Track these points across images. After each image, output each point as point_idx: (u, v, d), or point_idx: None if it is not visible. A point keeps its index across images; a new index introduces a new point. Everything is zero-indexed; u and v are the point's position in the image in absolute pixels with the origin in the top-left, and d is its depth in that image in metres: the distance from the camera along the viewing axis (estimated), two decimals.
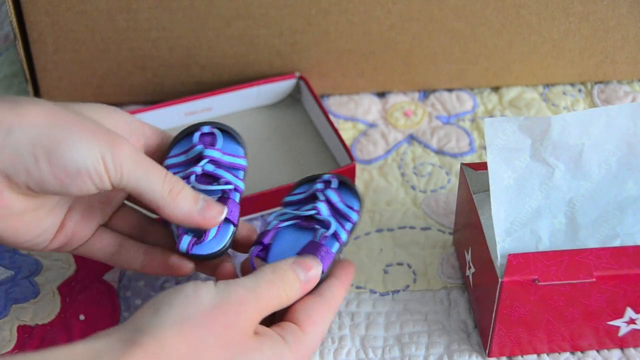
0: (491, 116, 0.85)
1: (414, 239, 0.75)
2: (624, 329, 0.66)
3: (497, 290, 0.62)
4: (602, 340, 0.67)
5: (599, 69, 0.87)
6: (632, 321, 0.65)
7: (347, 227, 0.64)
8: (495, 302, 0.63)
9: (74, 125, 0.58)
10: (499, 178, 0.65)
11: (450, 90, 0.88)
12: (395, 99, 0.87)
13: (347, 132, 0.84)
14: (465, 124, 0.85)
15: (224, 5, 0.79)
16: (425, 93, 0.87)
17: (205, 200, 0.62)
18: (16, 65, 0.89)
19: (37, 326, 0.69)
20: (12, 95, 0.82)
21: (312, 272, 0.59)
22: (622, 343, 0.67)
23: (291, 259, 0.60)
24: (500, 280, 0.62)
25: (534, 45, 0.84)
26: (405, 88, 0.87)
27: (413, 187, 0.79)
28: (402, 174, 0.80)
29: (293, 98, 0.85)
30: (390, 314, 0.70)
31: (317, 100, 0.81)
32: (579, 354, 0.68)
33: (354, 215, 0.64)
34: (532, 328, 0.65)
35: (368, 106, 0.86)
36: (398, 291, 0.72)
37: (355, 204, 0.65)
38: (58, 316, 0.69)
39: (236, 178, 0.65)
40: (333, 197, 0.65)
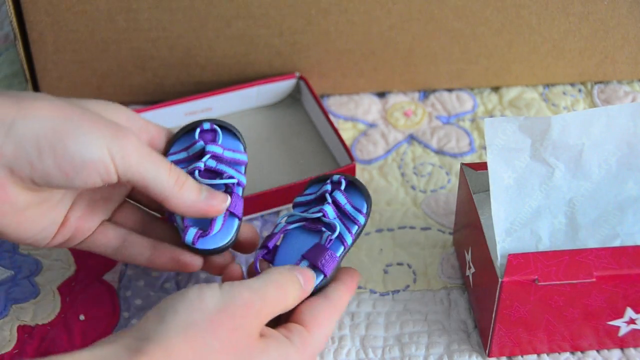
0: (491, 116, 0.85)
1: (414, 239, 0.75)
2: (624, 329, 0.66)
3: (497, 290, 0.62)
4: (602, 340, 0.67)
5: (599, 69, 0.87)
6: (632, 321, 0.65)
7: (353, 230, 0.64)
8: (495, 302, 0.63)
9: (78, 118, 0.58)
10: (499, 178, 0.65)
11: (450, 90, 0.88)
12: (395, 99, 0.87)
13: (347, 132, 0.84)
14: (465, 124, 0.85)
15: (224, 5, 0.79)
16: (425, 93, 0.87)
17: (208, 190, 0.63)
18: (16, 65, 0.89)
19: (37, 326, 0.69)
20: (16, 91, 0.82)
21: (310, 285, 0.60)
22: (622, 343, 0.67)
23: (288, 266, 0.60)
24: (500, 280, 0.61)
25: (534, 45, 0.84)
26: (405, 88, 0.87)
27: (413, 187, 0.79)
28: (402, 174, 0.80)
29: (293, 98, 0.85)
30: (390, 314, 0.70)
31: (317, 100, 0.81)
32: (579, 354, 0.68)
33: (361, 218, 0.65)
34: (532, 328, 0.65)
35: (368, 106, 0.86)
36: (398, 291, 0.72)
37: (363, 206, 0.65)
38: (58, 316, 0.69)
39: (238, 172, 0.66)
40: (340, 199, 0.65)
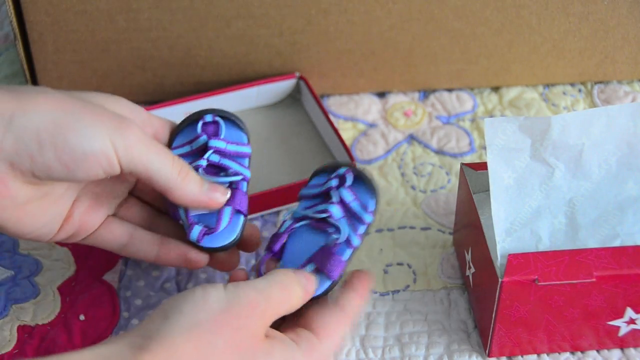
0: (491, 116, 0.85)
1: (414, 239, 0.75)
2: (624, 329, 0.66)
3: (497, 290, 0.62)
4: (602, 340, 0.67)
5: (599, 69, 0.87)
6: (632, 321, 0.65)
7: (360, 231, 0.62)
8: (495, 302, 0.63)
9: (79, 110, 0.58)
10: (499, 178, 0.65)
11: (450, 90, 0.88)
12: (395, 99, 0.87)
13: (347, 132, 0.84)
14: (465, 124, 0.85)
15: (224, 5, 0.79)
16: (425, 93, 0.87)
17: (208, 182, 0.63)
18: (16, 65, 0.89)
19: (37, 326, 0.69)
20: (16, 85, 0.81)
21: (312, 287, 0.59)
22: (622, 343, 0.67)
23: (292, 269, 0.59)
24: (500, 280, 0.61)
25: (534, 45, 0.84)
26: (405, 88, 0.87)
27: (413, 187, 0.79)
28: (402, 174, 0.80)
29: (293, 98, 0.85)
30: (390, 314, 0.70)
31: (317, 100, 0.81)
32: (579, 354, 0.68)
33: (368, 216, 0.62)
34: (532, 328, 0.65)
35: (368, 106, 0.86)
36: (398, 291, 0.72)
37: (371, 202, 0.63)
38: (58, 316, 0.69)
39: (242, 166, 0.65)
40: (347, 196, 0.63)
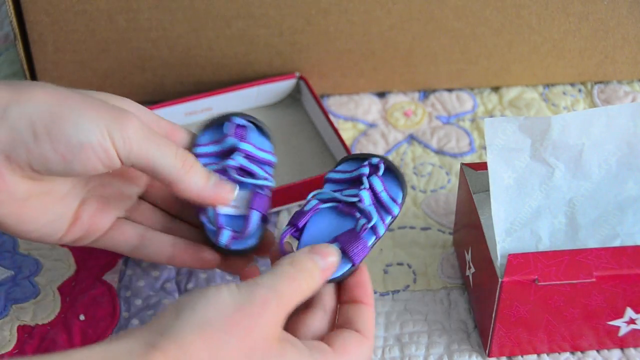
0: (491, 116, 0.85)
1: (414, 239, 0.75)
2: (624, 329, 0.66)
3: (497, 290, 0.62)
4: (602, 340, 0.67)
5: (599, 69, 0.87)
6: (632, 321, 0.65)
7: (387, 221, 0.62)
8: (495, 302, 0.63)
9: (76, 101, 0.57)
10: (499, 178, 0.65)
11: (450, 90, 0.88)
12: (395, 99, 0.87)
13: (347, 132, 0.84)
14: (465, 124, 0.85)
15: (224, 5, 0.79)
16: (425, 93, 0.87)
17: (216, 176, 0.61)
18: (16, 65, 0.89)
19: (37, 326, 0.69)
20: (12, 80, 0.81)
21: (330, 259, 0.58)
22: (622, 343, 0.67)
23: (307, 247, 0.58)
24: (500, 280, 0.61)
25: (534, 45, 0.84)
26: (405, 88, 0.87)
27: (413, 187, 0.79)
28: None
29: (293, 98, 0.85)
30: (390, 314, 0.70)
31: (317, 100, 0.81)
32: (579, 354, 0.68)
33: (396, 208, 0.62)
34: (532, 328, 0.65)
35: (368, 106, 0.86)
36: (398, 291, 0.72)
37: (399, 195, 0.62)
38: (58, 316, 0.69)
39: (267, 174, 0.65)
40: (377, 185, 0.62)
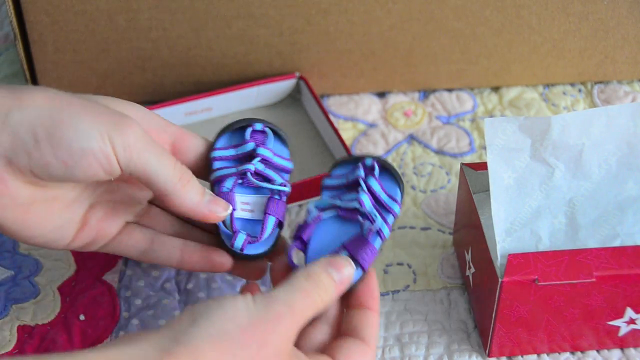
0: (491, 116, 0.85)
1: (414, 239, 0.75)
2: (624, 329, 0.66)
3: (497, 290, 0.62)
4: (602, 340, 0.67)
5: (599, 69, 0.87)
6: (632, 321, 0.65)
7: (390, 221, 0.61)
8: (495, 302, 0.63)
9: (77, 106, 0.57)
10: (499, 178, 0.65)
11: (450, 90, 0.88)
12: (395, 99, 0.87)
13: (347, 132, 0.84)
14: (465, 124, 0.85)
15: (224, 5, 0.79)
16: (425, 93, 0.87)
17: (211, 194, 0.61)
18: (16, 65, 0.89)
19: (37, 326, 0.69)
20: (16, 85, 0.81)
21: (345, 272, 0.58)
22: (622, 343, 0.67)
23: (324, 260, 0.58)
24: (500, 280, 0.61)
25: (534, 45, 0.84)
26: (405, 88, 0.87)
27: (413, 187, 0.79)
28: (402, 174, 0.80)
29: (293, 98, 0.85)
30: (390, 314, 0.70)
31: (317, 100, 0.81)
32: (579, 354, 0.68)
33: (396, 207, 0.62)
34: (532, 328, 0.65)
35: (368, 106, 0.86)
36: (398, 291, 0.72)
37: (397, 193, 0.62)
38: (58, 316, 0.69)
39: (284, 180, 0.64)
40: (375, 186, 0.62)
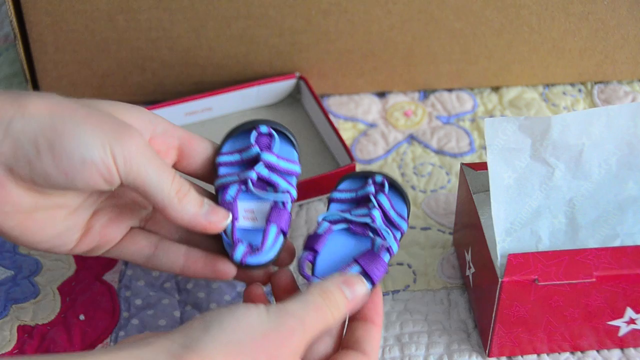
0: (491, 116, 0.85)
1: (414, 239, 0.75)
2: (624, 329, 0.66)
3: (497, 290, 0.62)
4: (602, 340, 0.67)
5: (599, 69, 0.87)
6: (632, 321, 0.65)
7: (398, 237, 0.63)
8: (495, 302, 0.63)
9: (79, 116, 0.56)
10: (499, 178, 0.65)
11: (450, 90, 0.88)
12: (395, 99, 0.87)
13: (347, 132, 0.84)
14: (465, 124, 0.85)
15: (224, 5, 0.79)
16: (425, 93, 0.87)
17: (209, 204, 0.61)
18: (16, 65, 0.89)
19: (37, 326, 0.69)
20: (20, 91, 0.81)
21: (358, 290, 0.58)
22: (622, 343, 0.67)
23: (338, 277, 0.58)
24: (500, 280, 0.61)
25: (534, 45, 0.84)
26: (405, 88, 0.87)
27: (413, 187, 0.79)
28: (402, 174, 0.80)
29: (293, 98, 0.85)
30: (390, 314, 0.70)
31: (317, 100, 0.81)
32: (579, 354, 0.68)
33: (404, 224, 0.64)
34: (532, 328, 0.65)
35: (368, 106, 0.86)
36: (398, 291, 0.72)
37: (404, 210, 0.64)
38: (58, 316, 0.69)
39: (289, 185, 0.64)
40: (385, 203, 0.63)
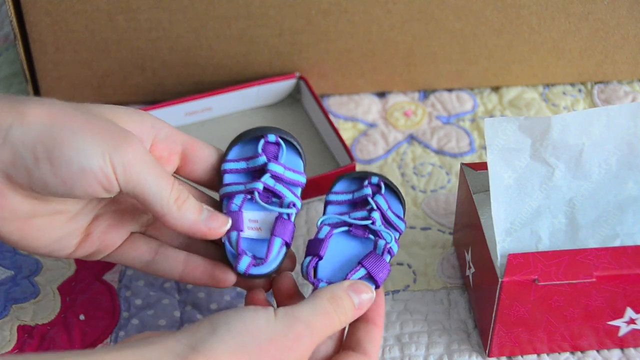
0: (491, 116, 0.85)
1: (414, 239, 0.75)
2: (624, 329, 0.66)
3: (497, 290, 0.62)
4: (602, 340, 0.67)
5: (599, 69, 0.87)
6: (632, 321, 0.65)
7: (397, 237, 0.64)
8: (495, 302, 0.63)
9: (78, 123, 0.56)
10: (499, 178, 0.65)
11: (450, 90, 0.88)
12: (395, 99, 0.87)
13: (347, 132, 0.84)
14: (465, 124, 0.85)
15: (224, 5, 0.79)
16: (425, 93, 0.87)
17: (209, 210, 0.61)
18: (16, 65, 0.89)
19: (37, 326, 0.69)
20: (16, 94, 0.81)
21: (365, 297, 0.59)
22: (622, 343, 0.67)
23: (346, 283, 0.59)
24: (500, 280, 0.61)
25: (534, 45, 0.84)
26: (405, 88, 0.87)
27: (413, 187, 0.79)
28: (402, 174, 0.80)
29: (293, 98, 0.85)
30: (390, 314, 0.70)
31: (317, 100, 0.81)
32: (579, 354, 0.68)
33: (402, 224, 0.64)
34: (532, 328, 0.65)
35: (368, 106, 0.86)
36: (398, 291, 0.72)
37: (400, 210, 0.65)
38: (58, 316, 0.69)
39: (294, 195, 0.64)
40: (383, 204, 0.64)
